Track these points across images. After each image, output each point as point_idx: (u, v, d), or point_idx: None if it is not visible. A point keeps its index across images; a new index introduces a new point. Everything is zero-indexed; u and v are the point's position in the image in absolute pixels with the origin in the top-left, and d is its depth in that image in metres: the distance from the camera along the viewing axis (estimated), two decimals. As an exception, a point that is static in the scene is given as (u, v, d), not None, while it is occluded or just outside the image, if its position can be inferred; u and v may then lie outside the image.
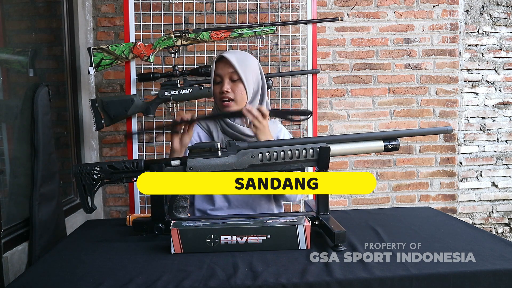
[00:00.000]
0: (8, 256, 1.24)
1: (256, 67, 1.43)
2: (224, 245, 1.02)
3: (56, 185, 1.48)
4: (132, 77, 1.95)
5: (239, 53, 1.45)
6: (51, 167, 1.43)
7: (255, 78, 1.42)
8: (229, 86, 1.38)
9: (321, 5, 2.52)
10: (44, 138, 1.39)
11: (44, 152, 1.38)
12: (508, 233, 2.80)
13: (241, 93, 1.38)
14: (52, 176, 1.44)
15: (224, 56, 1.38)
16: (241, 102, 1.39)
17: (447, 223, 1.28)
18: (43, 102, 1.41)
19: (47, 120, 1.43)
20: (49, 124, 1.45)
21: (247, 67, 1.39)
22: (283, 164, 1.14)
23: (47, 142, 1.41)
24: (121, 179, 1.17)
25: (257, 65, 1.44)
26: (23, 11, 1.71)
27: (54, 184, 1.46)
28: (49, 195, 1.41)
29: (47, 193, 1.39)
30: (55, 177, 1.47)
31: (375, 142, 1.17)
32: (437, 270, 0.91)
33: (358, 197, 2.64)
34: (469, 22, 2.66)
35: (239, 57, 1.40)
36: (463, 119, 2.70)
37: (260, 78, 1.43)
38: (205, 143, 1.16)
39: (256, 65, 1.43)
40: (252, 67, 1.41)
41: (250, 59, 1.42)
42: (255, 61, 1.44)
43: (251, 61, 1.42)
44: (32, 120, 1.38)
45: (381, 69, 2.59)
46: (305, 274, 0.89)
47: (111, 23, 2.41)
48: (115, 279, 0.89)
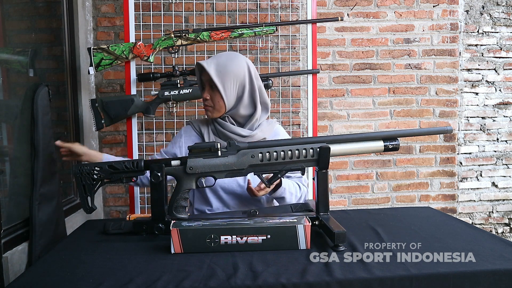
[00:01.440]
0: (8, 256, 1.24)
1: (241, 71, 1.37)
2: (224, 245, 1.02)
3: (56, 185, 1.48)
4: (132, 77, 1.95)
5: (222, 58, 1.39)
6: (51, 167, 1.43)
7: (238, 84, 1.38)
8: (208, 94, 1.40)
9: (321, 5, 2.52)
10: (44, 138, 1.39)
11: (44, 152, 1.38)
12: (508, 233, 2.80)
13: (218, 101, 1.39)
14: (52, 176, 1.44)
15: (201, 64, 1.37)
16: (219, 109, 1.40)
17: (447, 223, 1.28)
18: (43, 102, 1.41)
19: (47, 120, 1.43)
20: (49, 124, 1.45)
21: (226, 74, 1.35)
22: (283, 164, 1.14)
23: (47, 142, 1.41)
24: (121, 179, 1.17)
25: (244, 69, 1.38)
26: (23, 11, 1.71)
27: (54, 184, 1.46)
28: (49, 195, 1.41)
29: (47, 193, 1.39)
30: (55, 177, 1.47)
31: (375, 142, 1.17)
32: (437, 270, 0.91)
33: (358, 197, 2.64)
34: (469, 22, 2.66)
35: (220, 63, 1.37)
36: (463, 119, 2.70)
37: (246, 82, 1.38)
38: (205, 143, 1.16)
39: (241, 70, 1.37)
40: (234, 72, 1.36)
41: (232, 65, 1.36)
42: (240, 65, 1.37)
43: (233, 67, 1.36)
44: (32, 120, 1.38)
45: (381, 69, 2.59)
46: (305, 274, 0.89)
47: (111, 23, 2.41)
48: (115, 279, 0.89)
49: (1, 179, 1.38)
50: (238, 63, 1.38)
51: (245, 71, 1.39)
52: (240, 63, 1.38)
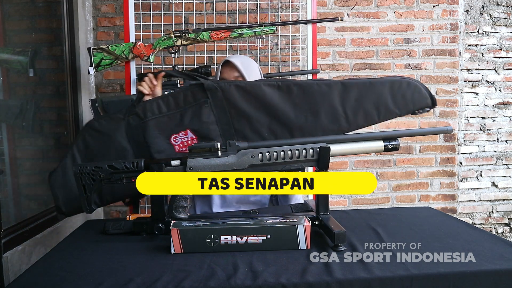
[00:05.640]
0: (8, 256, 1.24)
1: (258, 71, 1.48)
2: (224, 245, 1.02)
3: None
4: (132, 77, 1.95)
5: (242, 57, 1.50)
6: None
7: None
8: None
9: (321, 5, 2.52)
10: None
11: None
12: (508, 233, 2.80)
13: None
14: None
15: (230, 60, 1.40)
16: None
17: (447, 223, 1.28)
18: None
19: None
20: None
21: (251, 72, 1.43)
22: (283, 164, 1.14)
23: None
24: (121, 179, 1.17)
25: (258, 69, 1.50)
26: (23, 11, 1.71)
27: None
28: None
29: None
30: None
31: (375, 142, 1.16)
32: (437, 270, 0.91)
33: (358, 197, 2.64)
34: (469, 22, 2.66)
35: (244, 62, 1.45)
36: (463, 119, 2.70)
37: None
38: (205, 143, 1.16)
39: (258, 70, 1.49)
40: (255, 72, 1.46)
41: (253, 64, 1.47)
42: (256, 66, 1.50)
43: (254, 66, 1.47)
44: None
45: (381, 69, 2.59)
46: (305, 274, 0.89)
47: (111, 23, 2.41)
48: (115, 279, 0.89)
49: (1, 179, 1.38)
50: (255, 64, 1.51)
51: (259, 72, 1.51)
52: (255, 64, 1.51)
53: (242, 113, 1.26)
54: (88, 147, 1.28)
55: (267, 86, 1.25)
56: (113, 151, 1.28)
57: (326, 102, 1.24)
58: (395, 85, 1.23)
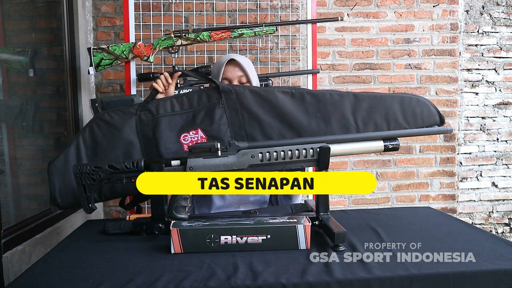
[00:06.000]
0: (8, 256, 1.24)
1: (254, 69, 1.54)
2: (224, 245, 1.02)
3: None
4: (132, 77, 1.95)
5: (243, 57, 1.53)
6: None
7: (257, 82, 1.52)
8: None
9: (321, 5, 2.52)
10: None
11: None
12: (508, 233, 2.80)
13: None
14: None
15: (236, 59, 1.41)
16: None
17: (447, 223, 1.28)
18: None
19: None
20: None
21: (253, 72, 1.48)
22: (283, 164, 1.14)
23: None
24: (121, 179, 1.17)
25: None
26: (23, 11, 1.71)
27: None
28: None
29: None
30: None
31: (375, 142, 1.16)
32: (437, 270, 0.91)
33: (358, 197, 2.64)
34: (469, 22, 2.66)
35: (245, 61, 1.48)
36: (463, 119, 2.70)
37: (258, 82, 1.54)
38: (205, 143, 1.16)
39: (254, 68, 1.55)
40: (253, 70, 1.51)
41: (250, 63, 1.52)
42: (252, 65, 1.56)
43: (251, 65, 1.51)
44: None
45: (381, 69, 2.59)
46: (305, 274, 0.89)
47: (111, 23, 2.41)
48: (115, 279, 0.89)
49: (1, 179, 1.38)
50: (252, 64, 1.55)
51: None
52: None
53: (254, 117, 1.29)
54: (94, 138, 1.29)
55: (281, 93, 1.28)
56: (119, 143, 1.29)
57: (338, 111, 1.27)
58: (405, 101, 1.27)
